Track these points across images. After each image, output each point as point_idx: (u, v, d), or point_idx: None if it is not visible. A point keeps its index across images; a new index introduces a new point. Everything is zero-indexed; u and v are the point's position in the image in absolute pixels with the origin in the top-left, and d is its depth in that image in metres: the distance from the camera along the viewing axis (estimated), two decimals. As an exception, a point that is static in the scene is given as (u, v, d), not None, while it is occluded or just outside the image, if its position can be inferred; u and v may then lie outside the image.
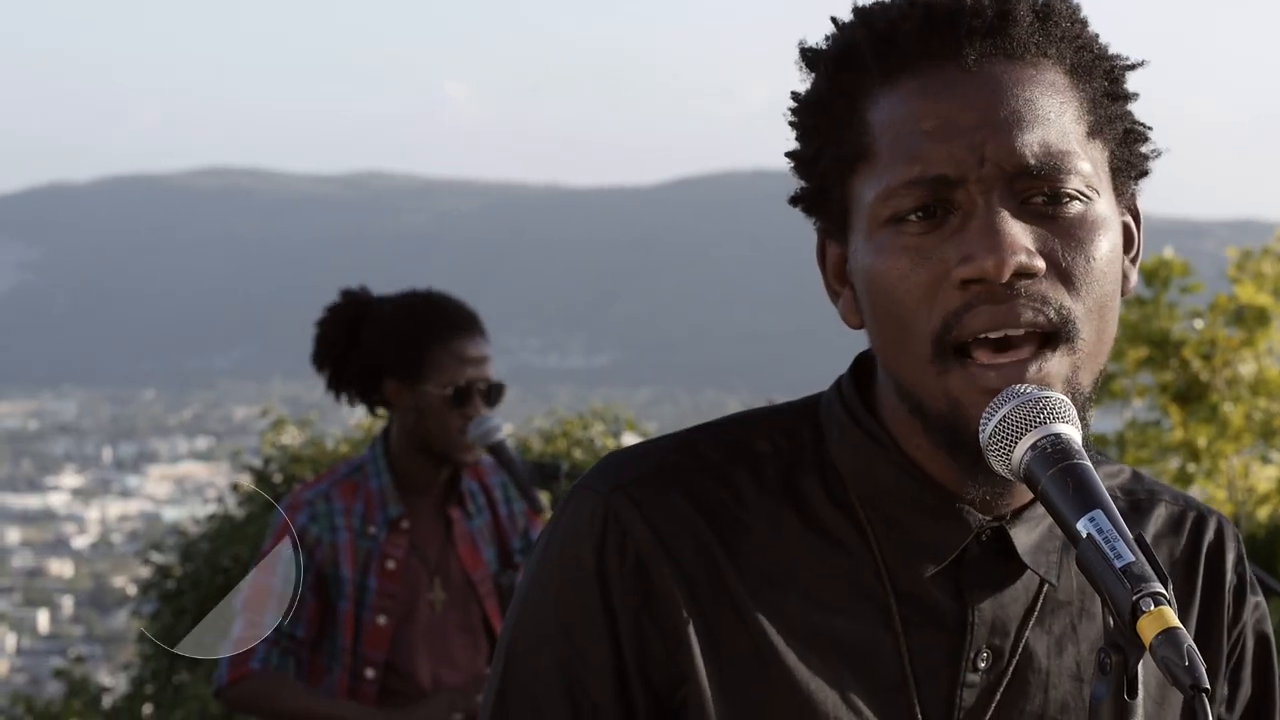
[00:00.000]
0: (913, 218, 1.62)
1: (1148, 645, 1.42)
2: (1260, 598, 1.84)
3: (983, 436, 1.58)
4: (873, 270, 1.64)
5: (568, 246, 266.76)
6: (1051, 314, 1.60)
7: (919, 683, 1.69)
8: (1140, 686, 1.47)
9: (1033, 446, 1.54)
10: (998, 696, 1.71)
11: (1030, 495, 1.68)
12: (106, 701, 15.03)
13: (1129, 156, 1.70)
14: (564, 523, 1.71)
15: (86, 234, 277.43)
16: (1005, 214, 1.60)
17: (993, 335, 1.59)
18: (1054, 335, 1.61)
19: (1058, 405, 1.56)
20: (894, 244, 1.63)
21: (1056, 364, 1.61)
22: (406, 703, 4.34)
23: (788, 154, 1.73)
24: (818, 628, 1.68)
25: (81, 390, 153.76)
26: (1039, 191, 1.62)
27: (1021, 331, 1.60)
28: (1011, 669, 1.71)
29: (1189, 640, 1.41)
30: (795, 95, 1.72)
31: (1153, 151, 1.72)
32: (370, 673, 4.32)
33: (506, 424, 4.64)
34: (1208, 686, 1.40)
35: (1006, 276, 1.58)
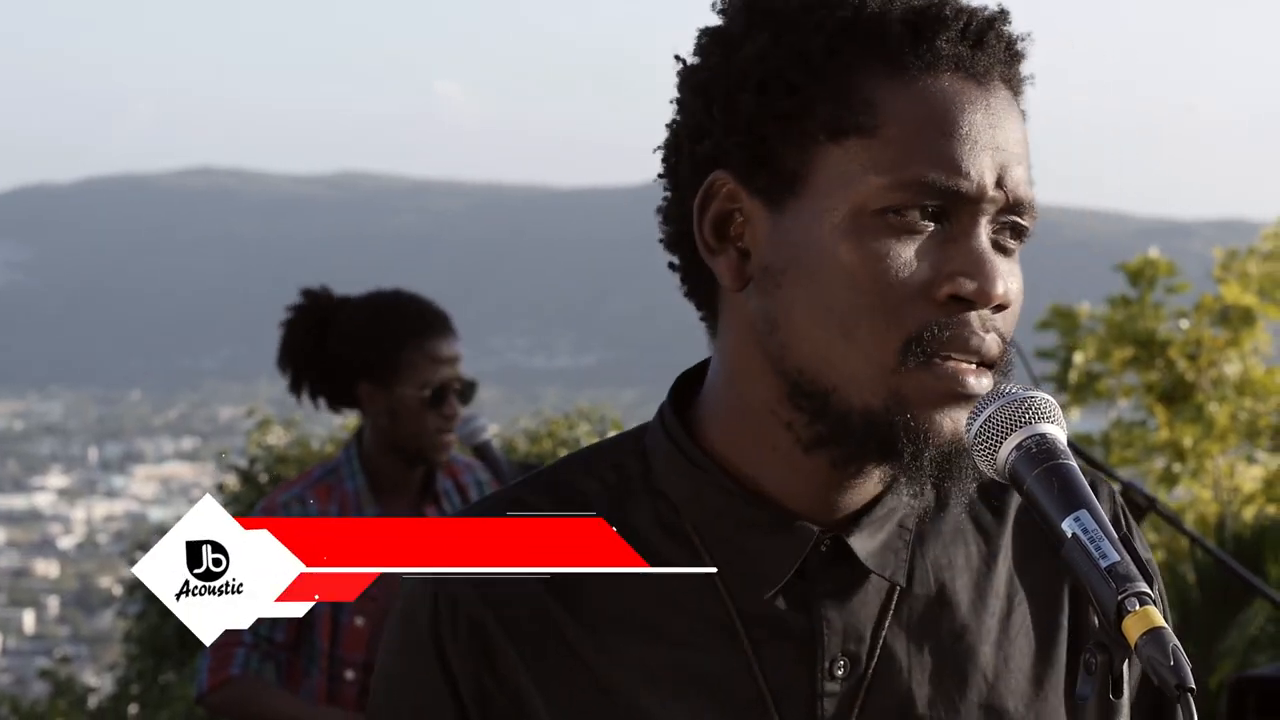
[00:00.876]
0: (912, 216, 1.60)
1: (1133, 645, 1.42)
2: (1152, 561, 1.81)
3: (968, 436, 1.58)
4: (846, 258, 1.60)
5: (566, 246, 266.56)
6: (1003, 347, 1.63)
7: (777, 699, 1.67)
8: (1126, 686, 1.47)
9: (1018, 446, 1.54)
10: (859, 701, 1.69)
11: (870, 498, 1.68)
12: (92, 702, 15.04)
13: None
14: (404, 594, 1.72)
15: (74, 234, 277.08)
16: (988, 240, 1.62)
17: (958, 357, 1.60)
18: (994, 364, 1.63)
19: (1043, 405, 1.56)
20: (883, 237, 1.60)
21: (990, 380, 1.62)
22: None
23: (694, 80, 1.67)
24: (665, 661, 1.67)
25: (68, 390, 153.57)
26: (1013, 225, 1.64)
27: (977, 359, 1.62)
28: (871, 672, 1.69)
29: (1174, 640, 1.41)
30: (732, 38, 1.66)
31: None
32: (350, 674, 4.31)
33: (492, 424, 4.62)
34: (1193, 686, 1.40)
35: (992, 306, 1.60)
